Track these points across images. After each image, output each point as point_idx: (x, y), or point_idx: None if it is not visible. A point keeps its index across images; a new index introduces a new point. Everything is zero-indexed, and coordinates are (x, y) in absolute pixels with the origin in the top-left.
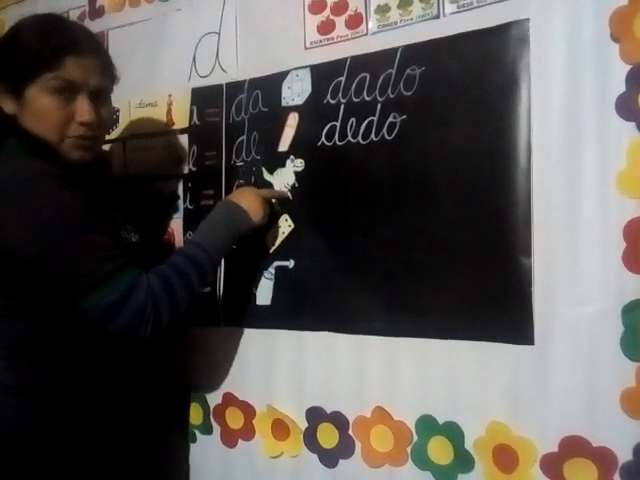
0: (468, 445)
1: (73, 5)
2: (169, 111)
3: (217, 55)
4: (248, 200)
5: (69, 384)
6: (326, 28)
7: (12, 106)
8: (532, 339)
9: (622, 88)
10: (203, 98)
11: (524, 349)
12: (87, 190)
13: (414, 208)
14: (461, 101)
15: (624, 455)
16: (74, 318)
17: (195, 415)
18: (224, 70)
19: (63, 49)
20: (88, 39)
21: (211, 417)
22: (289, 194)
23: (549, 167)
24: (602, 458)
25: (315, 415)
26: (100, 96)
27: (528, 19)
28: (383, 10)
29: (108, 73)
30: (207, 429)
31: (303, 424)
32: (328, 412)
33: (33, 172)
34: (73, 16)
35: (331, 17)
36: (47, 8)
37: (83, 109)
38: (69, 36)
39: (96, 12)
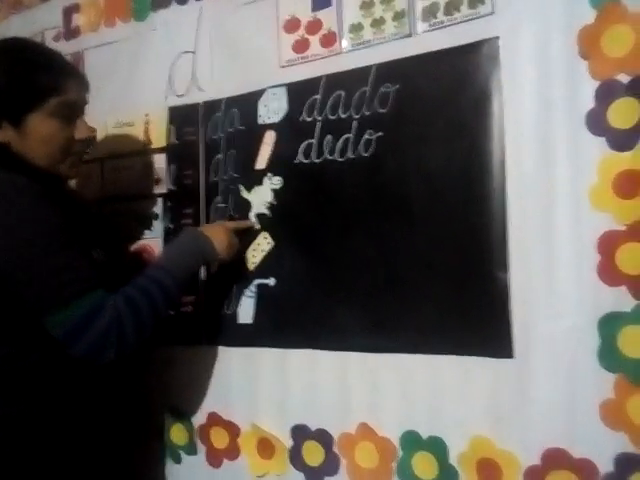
0: (452, 460)
1: (48, 26)
2: (146, 130)
3: (193, 74)
4: (212, 230)
5: (32, 412)
6: (301, 47)
7: (6, 134)
8: (511, 352)
9: (592, 104)
10: (180, 117)
11: (504, 362)
12: (66, 208)
13: (393, 225)
14: (435, 118)
15: (605, 466)
16: (39, 343)
17: (179, 435)
18: (201, 89)
19: (66, 73)
20: (64, 58)
21: (196, 437)
22: (256, 224)
23: (523, 183)
24: (583, 470)
25: (300, 433)
26: (83, 111)
27: (498, 37)
28: (356, 29)
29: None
30: (192, 449)
31: (288, 442)
32: (313, 429)
33: (11, 187)
34: (48, 37)
35: (306, 36)
36: (21, 29)
37: (82, 127)
38: (62, 59)
39: (72, 33)
